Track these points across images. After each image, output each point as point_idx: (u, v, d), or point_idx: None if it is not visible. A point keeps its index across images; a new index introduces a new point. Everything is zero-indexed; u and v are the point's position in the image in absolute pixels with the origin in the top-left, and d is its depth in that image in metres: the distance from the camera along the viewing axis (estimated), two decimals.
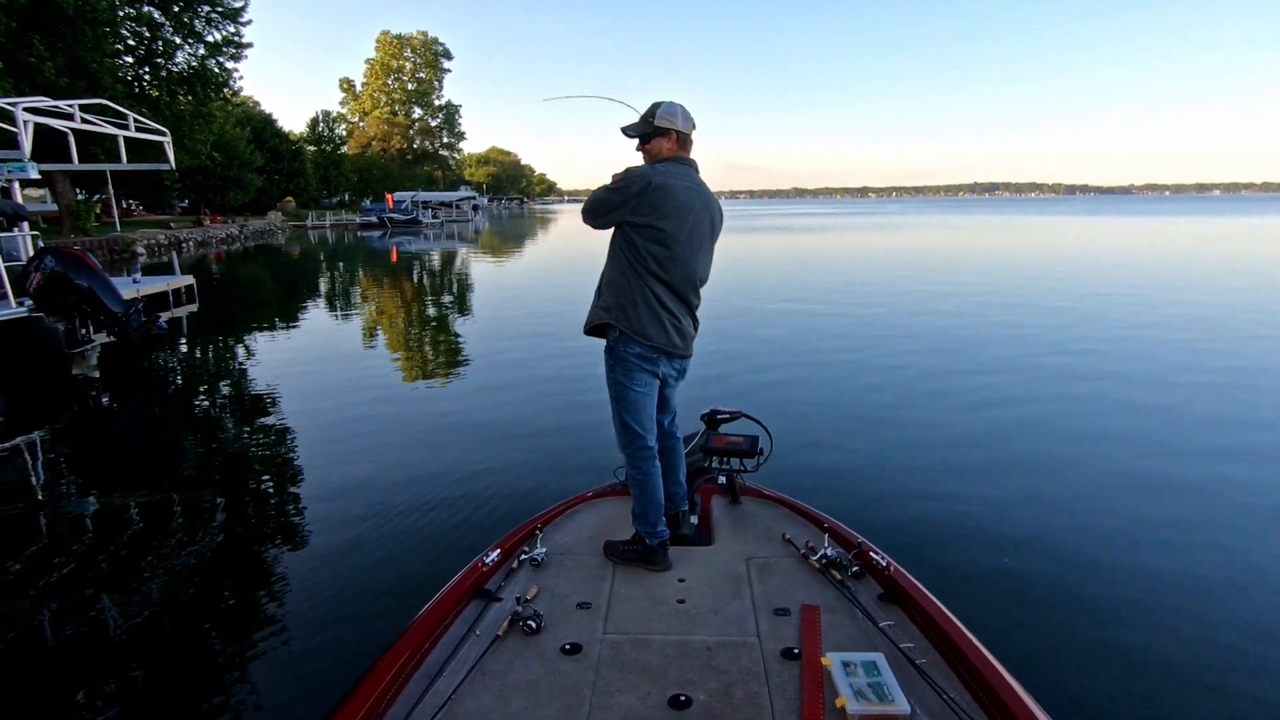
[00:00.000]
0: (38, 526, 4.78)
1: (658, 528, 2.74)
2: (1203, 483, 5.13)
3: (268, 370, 9.35)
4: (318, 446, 6.25)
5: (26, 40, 20.97)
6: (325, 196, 72.91)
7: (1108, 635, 3.32)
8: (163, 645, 3.40)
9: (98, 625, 3.54)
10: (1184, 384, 7.88)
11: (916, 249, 29.72)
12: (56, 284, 8.91)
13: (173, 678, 3.17)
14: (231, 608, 3.71)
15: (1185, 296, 14.81)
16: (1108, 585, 3.75)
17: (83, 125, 11.59)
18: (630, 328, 2.66)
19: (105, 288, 9.16)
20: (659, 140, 2.71)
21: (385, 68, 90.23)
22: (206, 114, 32.06)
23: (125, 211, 48.92)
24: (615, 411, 2.80)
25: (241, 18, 31.22)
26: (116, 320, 9.22)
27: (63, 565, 4.14)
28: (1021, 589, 3.71)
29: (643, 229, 2.59)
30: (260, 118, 57.88)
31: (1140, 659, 3.15)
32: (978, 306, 13.60)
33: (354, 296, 17.62)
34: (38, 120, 10.95)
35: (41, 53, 21.25)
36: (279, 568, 4.12)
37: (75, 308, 9.12)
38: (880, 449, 5.91)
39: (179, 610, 3.68)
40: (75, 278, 8.95)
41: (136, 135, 12.65)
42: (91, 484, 5.59)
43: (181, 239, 33.57)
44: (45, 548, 4.45)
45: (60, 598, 3.79)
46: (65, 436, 6.78)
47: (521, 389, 8.02)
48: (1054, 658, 3.14)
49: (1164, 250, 27.91)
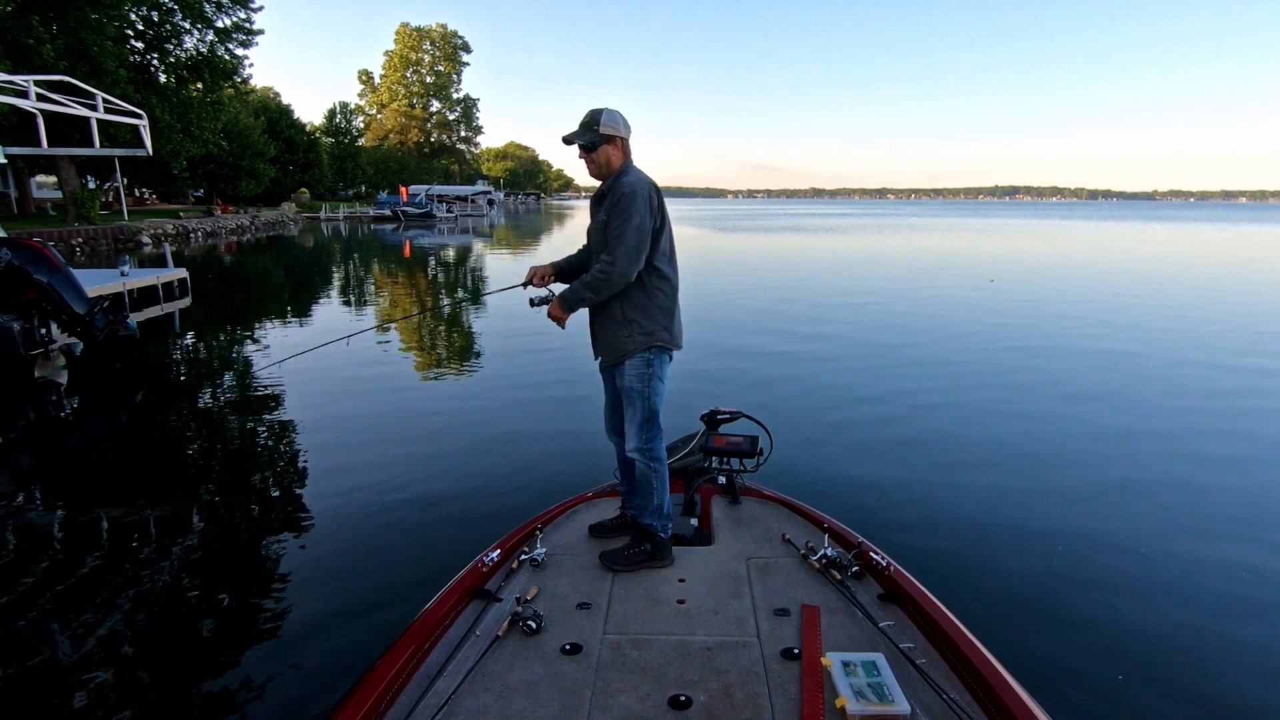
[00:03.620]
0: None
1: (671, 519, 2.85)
2: (1203, 484, 5.09)
3: (259, 368, 8.94)
4: (315, 446, 6.13)
5: (25, 22, 20.21)
6: (341, 188, 72.37)
7: (1108, 635, 3.30)
8: (162, 646, 3.34)
9: (92, 632, 3.42)
10: (1194, 390, 7.77)
11: (924, 250, 29.52)
12: (13, 279, 8.06)
13: (172, 678, 3.11)
14: (230, 608, 3.64)
15: (1179, 299, 14.91)
16: (1108, 585, 3.73)
17: (44, 105, 10.62)
18: (671, 340, 2.83)
19: (67, 284, 8.32)
20: (606, 148, 2.75)
21: (404, 60, 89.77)
22: (214, 102, 31.35)
23: (139, 200, 48.62)
24: (646, 412, 2.80)
25: (253, 3, 30.50)
26: (79, 320, 8.38)
27: (27, 579, 3.91)
28: (1022, 589, 3.68)
29: (657, 233, 2.75)
30: (276, 108, 57.36)
31: (1140, 659, 3.13)
32: (978, 307, 13.61)
33: (357, 291, 17.15)
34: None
35: (40, 34, 20.48)
36: (277, 569, 4.06)
37: (34, 305, 8.28)
38: (880, 449, 5.86)
39: (178, 611, 3.61)
40: (34, 273, 8.11)
41: (109, 118, 11.75)
42: (49, 495, 5.17)
43: (190, 229, 32.86)
44: (10, 562, 4.16)
45: (39, 609, 3.61)
46: (19, 446, 6.22)
47: (522, 389, 7.93)
48: (1054, 658, 3.11)
49: (1174, 255, 27.48)
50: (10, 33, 20.22)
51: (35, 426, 6.84)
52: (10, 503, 4.92)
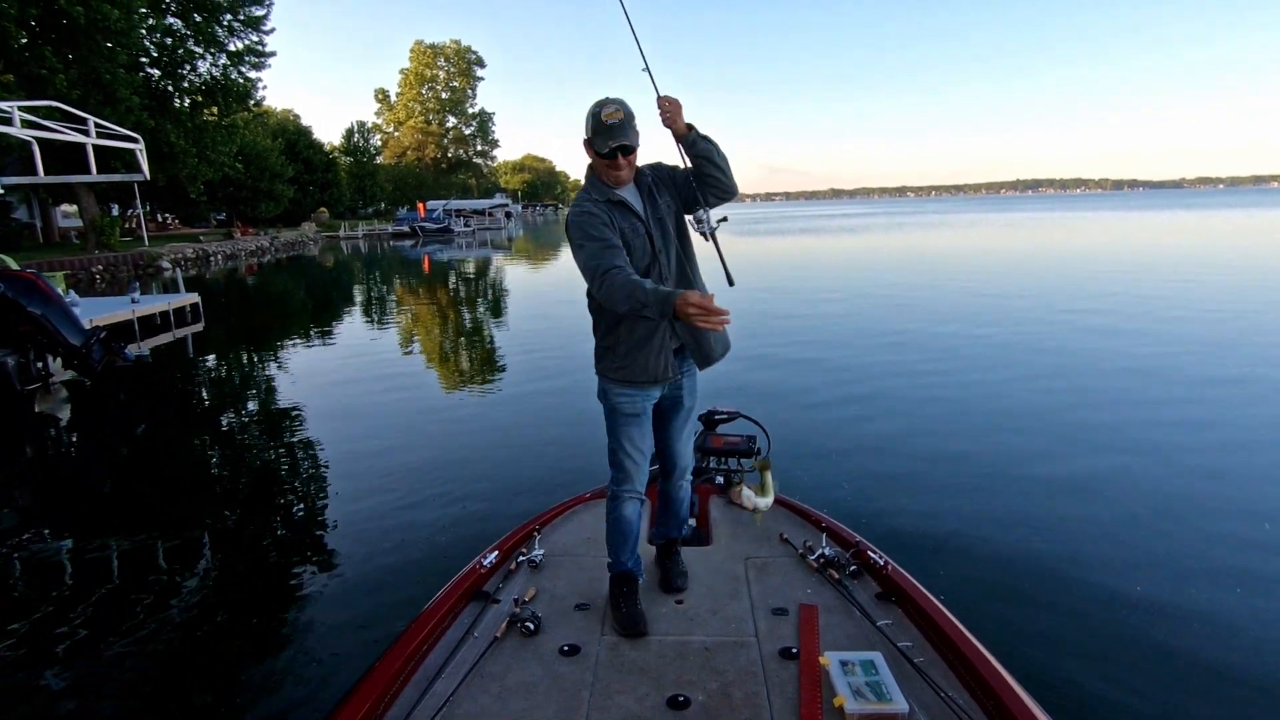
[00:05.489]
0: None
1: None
2: (1204, 486, 4.96)
3: (267, 384, 9.06)
4: (313, 448, 6.20)
5: (38, 52, 20.29)
6: (360, 206, 72.94)
7: (1107, 634, 3.27)
8: (162, 646, 3.35)
9: (92, 634, 3.46)
10: (1197, 380, 7.64)
11: (926, 250, 29.16)
12: (7, 312, 7.78)
13: (172, 678, 3.12)
14: (230, 609, 3.66)
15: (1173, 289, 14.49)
16: (1108, 584, 3.68)
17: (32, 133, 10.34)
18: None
19: (62, 316, 8.03)
20: None
21: (419, 77, 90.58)
22: (229, 125, 31.49)
23: (161, 225, 49.21)
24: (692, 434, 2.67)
25: (264, 26, 30.64)
26: (75, 352, 8.08)
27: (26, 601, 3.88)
28: (1020, 587, 3.65)
29: None
30: (295, 129, 57.92)
31: (1139, 658, 3.10)
32: (980, 309, 13.46)
33: (373, 307, 17.41)
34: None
35: (54, 64, 20.56)
36: (275, 570, 4.08)
37: (29, 338, 8.00)
38: (878, 448, 5.83)
39: (177, 612, 3.63)
40: (28, 305, 7.83)
41: (103, 143, 11.52)
42: (43, 527, 5.03)
43: (210, 252, 33.05)
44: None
45: (39, 625, 3.61)
46: (17, 481, 6.08)
47: (519, 391, 8.02)
48: (1052, 656, 3.09)
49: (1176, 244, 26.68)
50: (24, 64, 20.35)
51: (33, 462, 6.59)
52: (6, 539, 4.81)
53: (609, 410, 2.47)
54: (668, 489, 2.68)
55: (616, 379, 2.40)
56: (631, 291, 2.06)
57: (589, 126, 2.26)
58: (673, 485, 2.67)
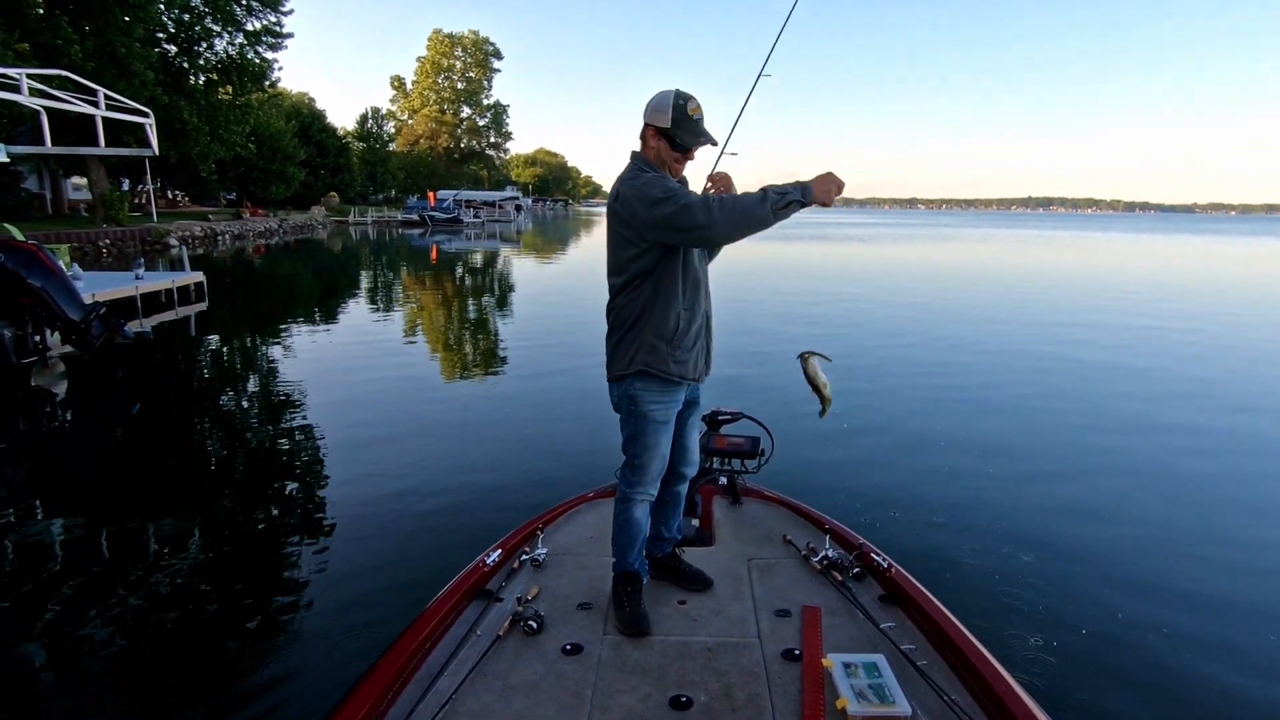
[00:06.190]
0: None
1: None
2: (1210, 506, 4.99)
3: (269, 369, 8.93)
4: (315, 446, 6.06)
5: (55, 23, 20.13)
6: (371, 193, 72.74)
7: (1108, 637, 3.27)
8: (162, 647, 3.29)
9: (90, 637, 3.35)
10: (1199, 395, 7.93)
11: (939, 261, 29.43)
12: (7, 283, 7.62)
13: (172, 679, 3.08)
14: (229, 609, 3.59)
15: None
16: (1109, 587, 3.71)
17: (42, 101, 10.15)
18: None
19: (62, 289, 7.88)
20: None
21: (436, 66, 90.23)
22: (243, 105, 31.32)
23: (171, 202, 49.09)
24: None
25: (283, 6, 30.48)
26: (73, 327, 7.92)
27: (21, 585, 3.81)
28: (1023, 591, 3.66)
29: None
30: (309, 112, 57.69)
31: (1141, 661, 3.10)
32: (980, 311, 13.80)
33: (378, 296, 17.10)
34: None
35: (69, 35, 20.39)
36: (276, 569, 4.02)
37: (28, 311, 7.84)
38: (882, 450, 5.86)
39: (177, 612, 3.55)
40: (28, 277, 7.67)
41: (113, 115, 11.34)
42: (36, 505, 4.95)
43: (218, 231, 32.84)
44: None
45: (33, 614, 3.54)
46: (5, 458, 5.91)
47: (522, 389, 7.92)
48: (1055, 659, 3.07)
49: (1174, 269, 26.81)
50: (40, 33, 20.20)
51: (27, 437, 6.47)
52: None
53: (638, 416, 2.39)
54: (673, 489, 2.68)
55: (659, 373, 2.33)
56: (760, 197, 2.07)
57: (669, 117, 2.23)
58: (678, 485, 2.68)
